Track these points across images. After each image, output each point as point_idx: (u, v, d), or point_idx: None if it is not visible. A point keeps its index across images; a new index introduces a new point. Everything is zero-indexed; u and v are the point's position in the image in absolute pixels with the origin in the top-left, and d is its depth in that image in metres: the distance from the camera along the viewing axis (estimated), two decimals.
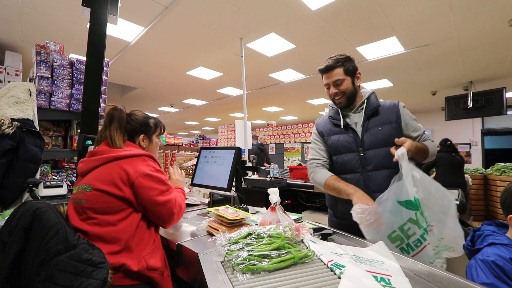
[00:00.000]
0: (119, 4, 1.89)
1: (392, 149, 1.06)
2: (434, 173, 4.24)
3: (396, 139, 1.10)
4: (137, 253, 0.86)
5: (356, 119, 1.27)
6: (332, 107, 1.37)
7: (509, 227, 0.90)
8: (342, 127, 1.26)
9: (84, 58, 2.02)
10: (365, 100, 1.28)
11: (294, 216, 1.23)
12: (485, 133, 7.56)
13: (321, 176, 1.27)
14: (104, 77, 2.33)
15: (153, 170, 0.95)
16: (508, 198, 0.90)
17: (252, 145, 5.36)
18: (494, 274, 0.75)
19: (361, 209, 0.99)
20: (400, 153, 0.98)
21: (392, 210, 0.94)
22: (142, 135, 1.07)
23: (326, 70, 1.26)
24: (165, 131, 1.26)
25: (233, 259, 0.73)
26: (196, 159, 1.79)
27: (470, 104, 5.05)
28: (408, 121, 1.23)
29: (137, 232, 0.89)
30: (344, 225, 1.20)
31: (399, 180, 0.97)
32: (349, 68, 1.25)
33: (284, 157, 10.14)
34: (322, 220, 2.47)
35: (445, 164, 4.00)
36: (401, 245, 0.94)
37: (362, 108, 1.27)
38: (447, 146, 4.19)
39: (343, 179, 1.24)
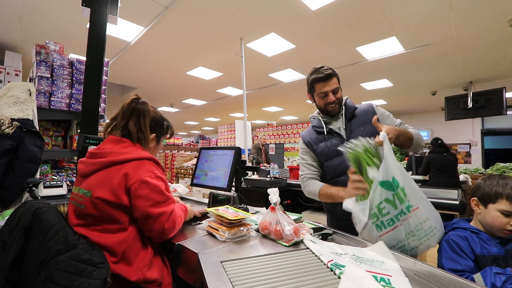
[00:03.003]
0: (119, 4, 1.90)
1: (376, 138, 1.06)
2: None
3: (373, 120, 1.09)
4: (136, 265, 0.84)
5: (339, 125, 1.34)
6: (314, 118, 1.43)
7: (473, 215, 1.04)
8: (325, 133, 1.33)
9: (84, 58, 2.02)
10: (343, 106, 1.35)
11: (294, 216, 1.23)
12: (485, 133, 7.56)
13: (314, 188, 1.32)
14: (104, 77, 2.33)
15: (152, 177, 0.89)
16: (472, 189, 1.05)
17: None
18: (451, 249, 0.93)
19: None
20: (382, 137, 1.02)
21: (374, 190, 1.00)
22: (154, 134, 1.03)
23: (326, 78, 1.29)
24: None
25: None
26: (196, 159, 1.79)
27: (470, 104, 5.05)
28: (384, 117, 1.30)
29: (135, 242, 0.86)
30: (344, 225, 1.21)
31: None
32: (338, 78, 1.33)
33: (284, 157, 10.15)
34: (322, 220, 2.46)
35: (437, 166, 3.94)
36: (376, 222, 1.00)
37: (342, 114, 1.34)
38: (438, 145, 4.07)
39: (338, 182, 1.28)
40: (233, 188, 1.51)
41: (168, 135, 1.12)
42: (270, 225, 0.99)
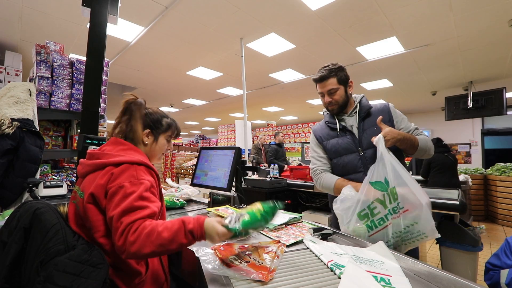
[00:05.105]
0: (119, 4, 1.89)
1: (373, 138, 1.11)
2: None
3: (377, 120, 1.15)
4: (127, 280, 0.81)
5: (352, 122, 1.33)
6: (328, 113, 1.43)
7: None
8: (338, 130, 1.32)
9: (84, 58, 2.01)
10: (357, 104, 1.33)
11: (293, 215, 1.23)
12: (485, 133, 7.56)
13: (328, 181, 1.30)
14: (104, 77, 2.33)
15: (134, 182, 0.79)
16: None
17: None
18: (503, 247, 0.97)
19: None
20: (376, 139, 1.06)
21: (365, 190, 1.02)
22: (148, 130, 0.99)
23: (320, 80, 1.31)
24: (178, 136, 1.15)
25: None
26: (196, 159, 1.79)
27: (470, 104, 5.05)
28: (399, 120, 1.29)
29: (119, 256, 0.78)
30: None
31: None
32: (342, 78, 1.30)
33: None
34: (322, 220, 2.47)
35: (439, 165, 3.97)
36: (367, 222, 1.02)
37: (356, 112, 1.33)
38: (441, 146, 4.13)
39: (347, 180, 1.28)
40: (233, 188, 1.51)
41: (170, 133, 1.06)
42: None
